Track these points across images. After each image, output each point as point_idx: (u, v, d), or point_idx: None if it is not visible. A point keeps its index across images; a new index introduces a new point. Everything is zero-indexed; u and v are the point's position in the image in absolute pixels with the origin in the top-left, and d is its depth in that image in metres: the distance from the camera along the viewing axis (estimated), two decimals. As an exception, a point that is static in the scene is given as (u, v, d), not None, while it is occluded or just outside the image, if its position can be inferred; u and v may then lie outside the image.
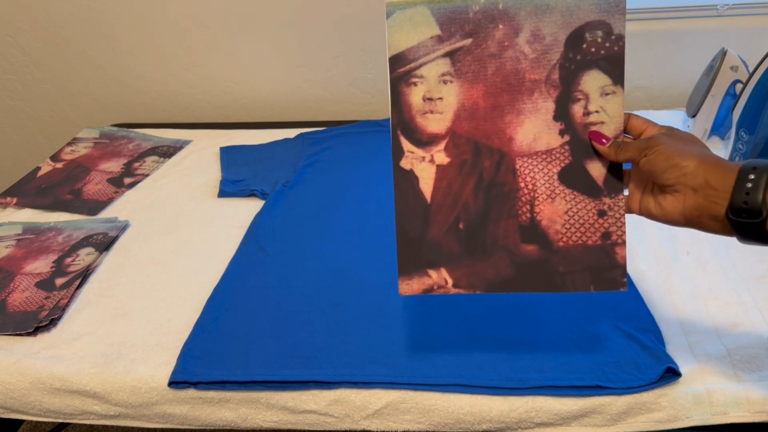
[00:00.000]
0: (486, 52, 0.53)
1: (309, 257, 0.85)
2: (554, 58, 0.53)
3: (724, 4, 1.18)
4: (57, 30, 1.32)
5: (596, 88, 0.53)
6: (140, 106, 1.43)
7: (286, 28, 1.26)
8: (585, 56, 0.53)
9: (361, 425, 0.67)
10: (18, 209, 1.04)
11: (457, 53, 0.53)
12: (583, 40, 0.53)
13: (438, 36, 0.53)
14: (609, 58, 0.53)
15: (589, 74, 0.53)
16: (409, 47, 0.54)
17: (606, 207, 0.55)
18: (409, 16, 0.53)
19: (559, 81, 0.53)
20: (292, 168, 1.08)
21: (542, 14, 0.52)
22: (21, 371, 0.71)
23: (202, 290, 0.81)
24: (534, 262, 0.56)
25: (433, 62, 0.53)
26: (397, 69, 0.54)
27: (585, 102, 0.54)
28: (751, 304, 0.71)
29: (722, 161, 0.49)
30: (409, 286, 0.57)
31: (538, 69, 0.53)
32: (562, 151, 0.54)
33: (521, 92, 0.54)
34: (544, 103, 0.54)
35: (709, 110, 1.02)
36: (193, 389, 0.68)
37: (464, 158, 0.55)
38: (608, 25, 0.52)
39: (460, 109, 0.54)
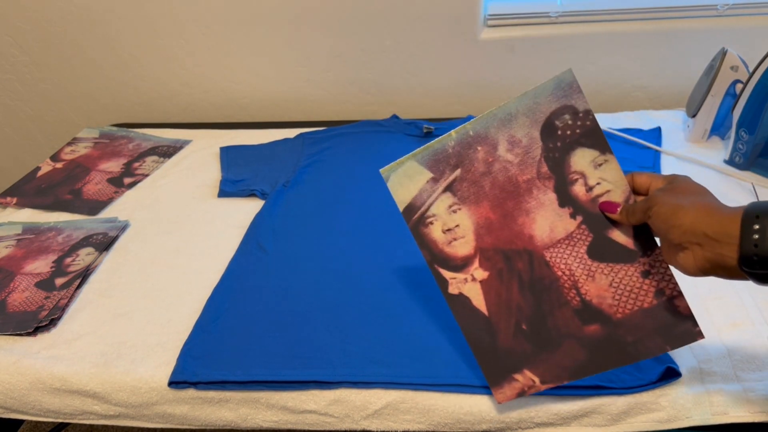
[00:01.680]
0: (477, 174, 0.58)
1: (309, 257, 0.85)
2: (537, 154, 0.56)
3: (724, 4, 1.18)
4: (57, 30, 1.32)
5: (588, 164, 0.55)
6: (140, 106, 1.43)
7: (286, 28, 1.26)
8: (564, 140, 0.55)
9: (361, 425, 0.67)
10: (18, 209, 1.04)
11: (453, 185, 0.58)
12: (555, 128, 0.55)
13: (432, 178, 0.58)
14: (587, 134, 0.55)
15: (575, 154, 0.56)
16: (413, 196, 0.59)
17: (647, 266, 0.55)
18: (403, 173, 0.59)
19: (549, 171, 0.56)
20: (292, 168, 1.08)
21: (509, 123, 0.56)
22: (21, 371, 0.71)
23: (202, 290, 0.81)
24: (602, 339, 0.57)
25: (438, 200, 0.58)
26: (411, 217, 0.59)
27: (583, 180, 0.56)
28: (751, 304, 0.71)
29: (719, 209, 0.47)
30: (503, 394, 0.60)
31: (526, 169, 0.57)
32: (581, 231, 0.57)
33: (521, 194, 0.57)
34: (545, 196, 0.57)
35: (709, 110, 1.02)
36: (193, 389, 0.68)
37: (499, 267, 0.59)
38: (571, 106, 0.55)
39: (477, 227, 0.58)
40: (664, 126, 1.11)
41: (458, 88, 1.31)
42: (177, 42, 1.31)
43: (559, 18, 1.23)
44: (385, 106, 1.35)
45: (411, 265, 0.81)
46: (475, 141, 0.57)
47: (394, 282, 0.79)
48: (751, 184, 0.93)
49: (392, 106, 1.35)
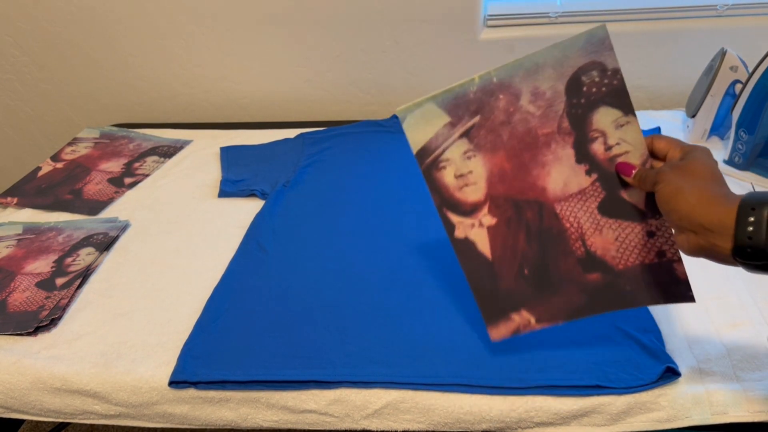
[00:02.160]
0: (496, 122, 0.57)
1: (309, 257, 0.85)
2: (559, 108, 0.56)
3: (723, 4, 1.18)
4: (57, 30, 1.32)
5: (610, 123, 0.55)
6: (140, 106, 1.43)
7: (286, 28, 1.26)
8: (588, 98, 0.55)
9: (361, 425, 0.67)
10: (18, 209, 1.04)
11: (471, 131, 0.57)
12: (581, 84, 0.55)
13: (450, 122, 0.57)
14: (612, 93, 0.55)
15: (598, 112, 0.55)
16: (428, 139, 0.58)
17: (653, 228, 0.57)
18: (420, 115, 0.57)
19: (570, 127, 0.56)
20: (292, 168, 1.08)
21: (535, 74, 0.55)
22: (21, 371, 0.71)
23: (202, 290, 0.81)
24: (602, 286, 0.60)
25: (453, 145, 0.57)
26: (424, 161, 0.58)
27: (603, 138, 0.56)
28: (750, 304, 0.71)
29: (718, 199, 0.47)
30: (497, 331, 0.62)
31: (547, 123, 0.56)
32: (594, 188, 0.57)
33: (539, 147, 0.57)
34: (564, 151, 0.57)
35: (709, 110, 1.02)
36: (194, 389, 0.68)
37: (508, 215, 0.59)
38: (600, 63, 0.54)
39: (490, 175, 0.58)
40: (663, 126, 1.11)
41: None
42: (177, 42, 1.31)
43: (558, 18, 1.23)
44: (385, 106, 1.36)
45: (411, 265, 0.81)
46: (498, 89, 0.56)
47: (394, 282, 0.79)
48: (750, 184, 0.93)
49: (392, 106, 1.35)
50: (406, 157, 1.08)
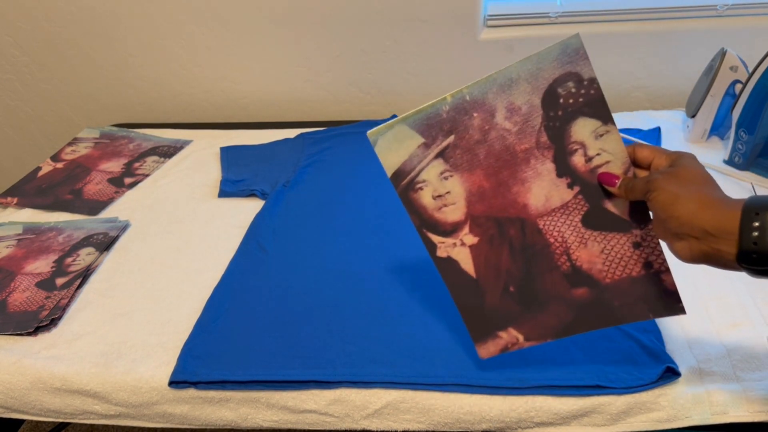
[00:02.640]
0: (471, 141, 0.55)
1: (309, 257, 0.85)
2: (536, 122, 0.54)
3: (723, 4, 1.18)
4: (57, 30, 1.32)
5: (589, 134, 0.54)
6: (140, 106, 1.43)
7: (286, 28, 1.26)
8: (566, 109, 0.53)
9: (361, 425, 0.67)
10: (18, 209, 1.04)
11: (446, 151, 0.56)
12: (557, 96, 0.53)
13: (424, 143, 0.55)
14: (590, 103, 0.53)
15: (576, 124, 0.54)
16: (402, 162, 0.56)
17: (639, 239, 0.55)
18: (393, 137, 0.55)
19: (549, 141, 0.54)
20: (292, 168, 1.08)
21: (509, 89, 0.53)
22: (21, 371, 0.71)
23: (202, 290, 0.81)
24: (589, 302, 0.58)
25: (429, 166, 0.56)
26: (400, 183, 0.57)
27: (583, 150, 0.54)
28: (750, 304, 0.71)
29: (719, 202, 0.47)
30: (486, 349, 0.61)
31: (525, 138, 0.54)
32: (577, 201, 0.56)
33: (518, 164, 0.55)
34: (543, 166, 0.55)
35: (709, 110, 1.02)
36: (194, 389, 0.68)
37: (490, 233, 0.58)
38: (576, 74, 0.52)
39: (469, 195, 0.57)
40: (663, 126, 1.11)
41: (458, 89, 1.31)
42: (177, 42, 1.31)
43: (558, 18, 1.23)
44: (385, 106, 1.36)
45: (411, 265, 0.81)
46: (472, 107, 0.54)
47: (394, 282, 0.79)
48: (750, 184, 0.93)
49: (392, 106, 1.35)
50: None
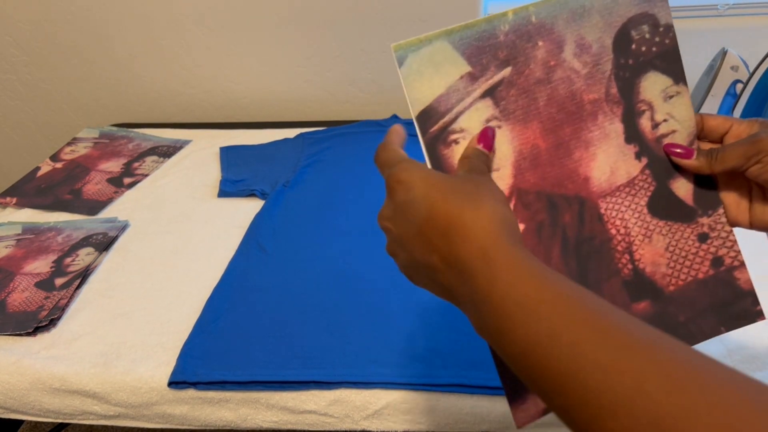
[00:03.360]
0: (532, 80, 0.42)
1: (309, 257, 0.85)
2: (607, 68, 0.43)
3: (724, 3, 1.18)
4: (57, 30, 1.32)
5: (658, 93, 0.44)
6: (140, 106, 1.43)
7: (286, 28, 1.26)
8: (637, 58, 0.44)
9: (361, 425, 0.67)
10: (18, 209, 1.04)
11: (497, 89, 0.42)
12: (630, 40, 0.43)
13: (469, 73, 0.41)
14: (663, 55, 0.44)
15: (646, 78, 0.44)
16: (436, 96, 0.40)
17: (706, 228, 0.45)
18: (428, 58, 0.40)
19: (619, 95, 0.44)
20: (292, 168, 1.08)
21: (581, 19, 0.42)
22: (21, 371, 0.71)
23: (202, 290, 0.80)
24: (651, 320, 0.45)
25: (472, 107, 0.41)
26: (428, 128, 0.41)
27: (650, 113, 0.44)
28: (751, 304, 0.71)
29: None
30: (525, 413, 0.41)
31: (594, 86, 0.43)
32: (644, 177, 0.44)
33: (584, 119, 0.43)
34: (611, 126, 0.43)
35: (710, 110, 1.02)
36: (193, 389, 0.68)
37: (539, 219, 0.43)
38: (652, 16, 0.43)
39: (519, 158, 0.42)
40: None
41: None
42: (177, 42, 1.31)
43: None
44: (385, 106, 1.35)
45: (411, 265, 0.81)
46: (537, 32, 0.42)
47: (394, 282, 0.79)
48: (751, 184, 0.93)
49: (392, 106, 1.35)
50: (406, 157, 1.08)
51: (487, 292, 0.30)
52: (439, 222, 0.33)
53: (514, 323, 0.29)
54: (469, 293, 0.31)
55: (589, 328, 0.27)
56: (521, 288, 0.29)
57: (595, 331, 0.27)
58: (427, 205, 0.34)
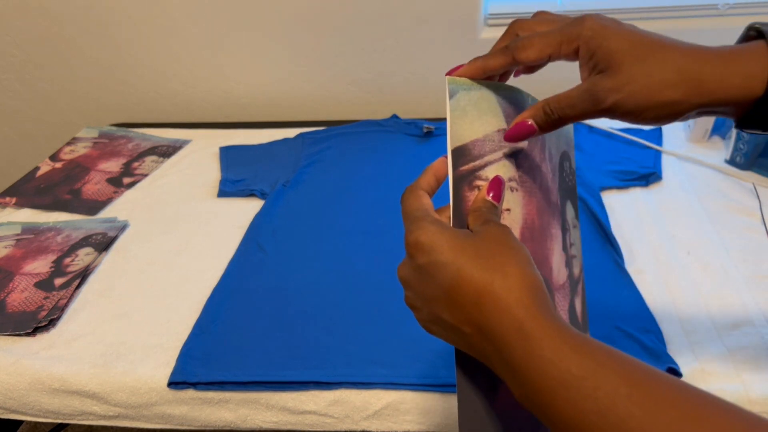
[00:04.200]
0: (536, 160, 0.43)
1: (309, 257, 0.85)
2: (557, 182, 0.46)
3: (725, 3, 1.17)
4: (56, 29, 1.31)
5: (570, 220, 0.47)
6: (140, 105, 1.43)
7: (286, 27, 1.26)
8: (565, 184, 0.48)
9: (361, 426, 0.67)
10: (17, 209, 1.04)
11: (518, 155, 0.42)
12: (563, 169, 0.48)
13: (503, 130, 0.42)
14: (572, 191, 0.48)
15: (567, 205, 0.48)
16: (473, 139, 0.41)
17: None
18: (475, 101, 0.41)
19: (560, 207, 0.47)
20: (292, 168, 1.07)
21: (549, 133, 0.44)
22: (20, 371, 0.71)
23: (202, 290, 0.80)
24: None
25: (500, 162, 0.41)
26: (460, 165, 0.40)
27: (569, 234, 0.47)
28: (752, 304, 0.71)
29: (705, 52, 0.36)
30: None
31: (554, 191, 0.46)
32: (566, 286, 0.46)
33: (552, 214, 0.45)
34: (557, 231, 0.46)
35: (710, 110, 1.02)
36: (193, 390, 0.68)
37: None
38: (570, 158, 0.48)
39: (524, 226, 0.42)
40: (664, 125, 1.11)
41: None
42: (177, 42, 1.31)
43: (559, 18, 1.22)
44: (385, 106, 1.35)
45: (411, 265, 0.81)
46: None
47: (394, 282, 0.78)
48: (752, 184, 0.93)
49: (392, 106, 1.34)
50: (407, 157, 1.08)
51: (526, 366, 0.30)
52: (469, 290, 0.33)
53: (558, 399, 0.28)
54: (507, 364, 0.31)
55: (636, 405, 0.27)
56: (562, 364, 0.29)
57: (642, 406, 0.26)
58: (454, 271, 0.33)
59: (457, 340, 0.35)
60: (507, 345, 0.31)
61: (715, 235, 0.83)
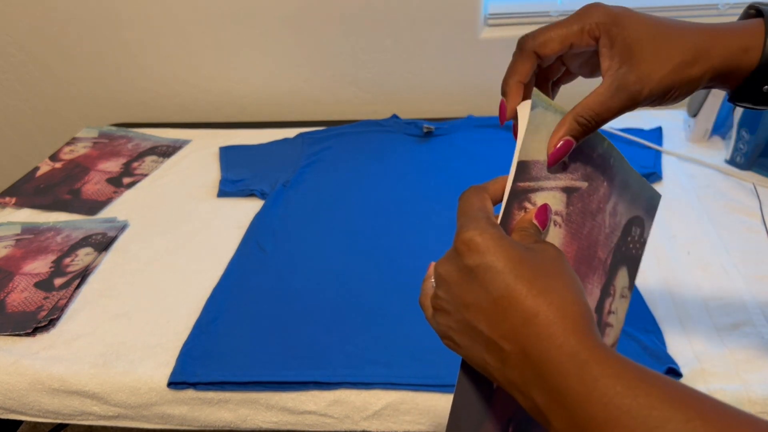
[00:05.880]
0: (589, 208, 0.42)
1: (309, 257, 0.85)
2: (614, 241, 0.44)
3: (725, 3, 1.17)
4: (56, 29, 1.31)
5: (620, 288, 0.46)
6: (139, 105, 1.42)
7: (286, 27, 1.26)
8: (626, 250, 0.46)
9: (361, 426, 0.66)
10: (17, 209, 1.04)
11: (573, 193, 0.41)
12: (629, 233, 0.45)
13: (565, 163, 0.41)
14: (635, 260, 0.46)
15: (621, 270, 0.46)
16: (536, 160, 0.40)
17: None
18: (549, 122, 0.40)
19: (609, 268, 0.44)
20: (292, 168, 1.07)
21: (623, 189, 0.44)
22: (20, 372, 0.71)
23: (202, 290, 0.80)
24: None
25: (553, 191, 0.41)
26: (519, 180, 0.39)
27: (612, 299, 0.45)
28: (752, 304, 0.71)
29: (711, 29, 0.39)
30: None
31: (605, 248, 0.44)
32: None
33: (591, 268, 0.43)
34: (595, 289, 0.44)
35: (711, 110, 1.02)
36: (192, 390, 0.68)
37: None
38: (643, 226, 0.46)
39: None
40: (665, 126, 1.11)
41: (458, 88, 1.31)
42: (177, 41, 1.31)
43: (559, 17, 1.23)
44: (385, 106, 1.35)
45: (411, 265, 0.81)
46: (607, 174, 0.43)
47: (394, 282, 0.79)
48: (752, 184, 0.93)
49: (392, 106, 1.34)
50: (406, 157, 1.08)
51: (585, 396, 0.28)
52: (521, 306, 0.30)
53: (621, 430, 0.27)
54: (553, 392, 0.29)
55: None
56: (629, 393, 0.27)
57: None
58: (509, 281, 0.31)
59: (486, 357, 0.33)
60: (558, 372, 0.29)
61: (715, 235, 0.83)
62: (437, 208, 0.91)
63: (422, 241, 0.85)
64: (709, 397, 0.28)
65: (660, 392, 0.27)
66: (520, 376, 0.31)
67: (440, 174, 1.01)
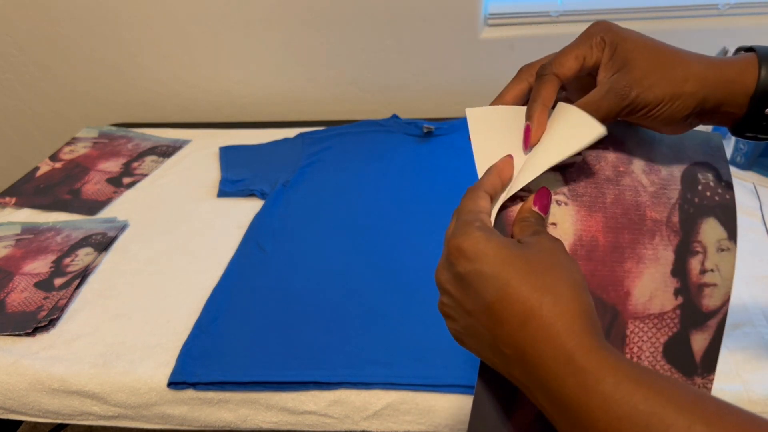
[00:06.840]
0: (602, 175, 0.42)
1: (308, 257, 0.85)
2: (673, 196, 0.43)
3: (725, 3, 1.17)
4: (56, 29, 1.31)
5: (714, 241, 0.43)
6: (140, 105, 1.43)
7: (286, 28, 1.26)
8: (702, 200, 0.43)
9: (361, 426, 0.66)
10: (17, 209, 1.04)
11: (568, 170, 0.42)
12: (697, 181, 0.44)
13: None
14: (723, 208, 0.44)
15: (707, 222, 0.43)
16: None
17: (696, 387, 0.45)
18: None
19: (679, 225, 0.43)
20: (292, 168, 1.07)
21: (650, 145, 0.44)
22: (20, 372, 0.71)
23: (202, 290, 0.80)
24: None
25: (542, 175, 0.40)
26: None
27: (702, 257, 0.43)
28: (752, 304, 0.71)
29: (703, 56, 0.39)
30: None
31: (658, 206, 0.42)
32: (673, 316, 0.43)
33: (643, 233, 0.42)
34: (664, 252, 0.42)
35: (710, 110, 1.02)
36: (192, 390, 0.68)
37: None
38: (716, 169, 0.44)
39: (577, 242, 0.41)
40: (664, 126, 1.11)
41: (459, 88, 1.31)
42: (177, 42, 1.31)
43: (559, 17, 1.22)
44: (385, 106, 1.35)
45: (411, 265, 0.81)
46: (608, 139, 0.42)
47: (394, 282, 0.79)
48: (752, 184, 0.92)
49: (392, 106, 1.34)
50: (406, 157, 1.08)
51: (584, 403, 0.28)
52: (515, 309, 0.30)
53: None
54: (554, 398, 0.29)
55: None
56: (628, 400, 0.27)
57: None
58: (500, 285, 0.31)
59: (494, 359, 0.33)
60: (555, 378, 0.29)
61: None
62: (437, 208, 0.91)
63: (422, 241, 0.85)
64: (711, 398, 0.28)
65: (661, 396, 0.27)
66: (524, 379, 0.31)
67: (440, 174, 1.01)
